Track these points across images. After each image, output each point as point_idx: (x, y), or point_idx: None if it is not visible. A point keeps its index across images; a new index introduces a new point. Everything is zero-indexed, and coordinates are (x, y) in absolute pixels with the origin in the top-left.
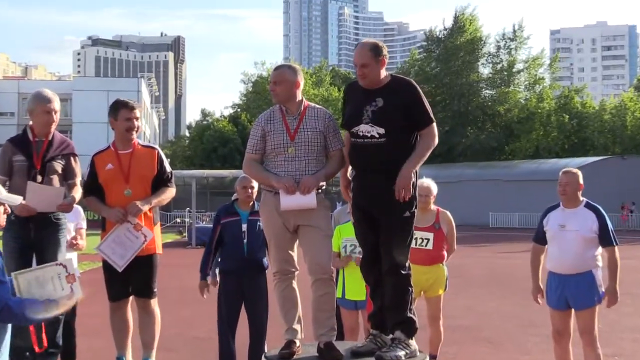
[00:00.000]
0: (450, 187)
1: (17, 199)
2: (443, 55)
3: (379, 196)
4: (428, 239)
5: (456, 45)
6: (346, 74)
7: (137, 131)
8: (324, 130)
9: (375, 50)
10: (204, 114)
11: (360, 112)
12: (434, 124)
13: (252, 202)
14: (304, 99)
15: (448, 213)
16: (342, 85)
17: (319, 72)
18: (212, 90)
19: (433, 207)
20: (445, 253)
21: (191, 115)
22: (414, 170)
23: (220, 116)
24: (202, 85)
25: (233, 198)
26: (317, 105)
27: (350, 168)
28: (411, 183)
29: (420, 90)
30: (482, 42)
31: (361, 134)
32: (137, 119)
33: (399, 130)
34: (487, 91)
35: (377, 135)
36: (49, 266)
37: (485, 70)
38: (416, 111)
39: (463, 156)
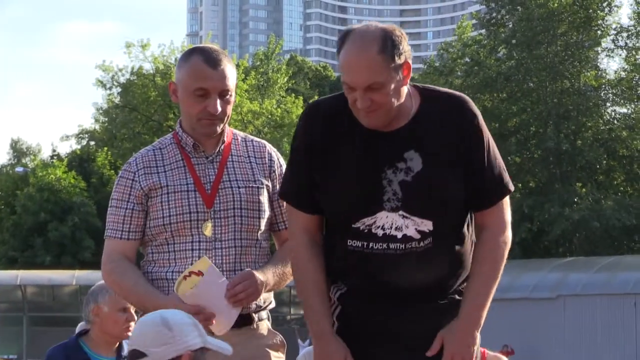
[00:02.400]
0: (537, 307)
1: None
2: (523, 31)
3: (417, 346)
4: None
5: (549, 12)
6: (319, 70)
7: None
8: (270, 185)
9: (391, 47)
10: (18, 151)
11: (377, 185)
12: (507, 198)
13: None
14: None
15: (503, 358)
16: (313, 94)
17: (263, 64)
18: (35, 102)
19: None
20: None
21: None
22: (480, 321)
23: (53, 156)
24: (14, 90)
25: (79, 329)
26: (250, 136)
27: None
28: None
29: (484, 125)
30: (605, 6)
31: (380, 233)
32: None
33: (457, 220)
34: (616, 109)
35: (417, 236)
36: None
37: (612, 65)
38: (479, 173)
39: (565, 244)
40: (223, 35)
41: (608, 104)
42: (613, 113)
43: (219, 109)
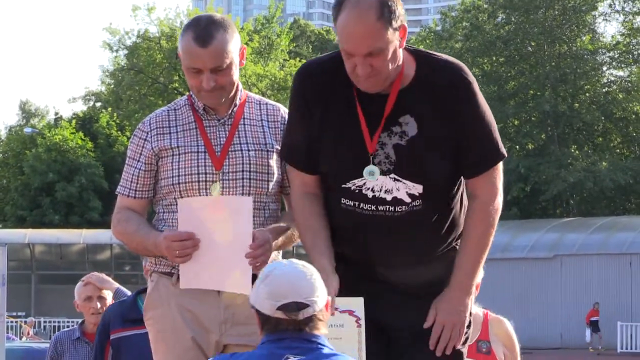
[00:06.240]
0: (534, 267)
1: None
2: None
3: (407, 312)
4: None
5: None
6: (322, 34)
7: None
8: (280, 148)
9: (388, 13)
10: (26, 112)
11: (360, 149)
12: (500, 164)
13: None
14: (239, 85)
15: (505, 322)
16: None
17: (265, 28)
18: (42, 65)
19: (476, 309)
20: None
21: None
22: (470, 287)
23: (56, 117)
24: (20, 52)
25: (138, 290)
26: (264, 99)
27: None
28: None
29: (479, 91)
30: None
31: (370, 195)
32: None
33: (447, 184)
34: (613, 72)
35: (408, 200)
36: None
37: (609, 29)
38: (472, 140)
39: (562, 205)
40: (228, 1)
41: (605, 67)
42: (610, 76)
43: (212, 84)
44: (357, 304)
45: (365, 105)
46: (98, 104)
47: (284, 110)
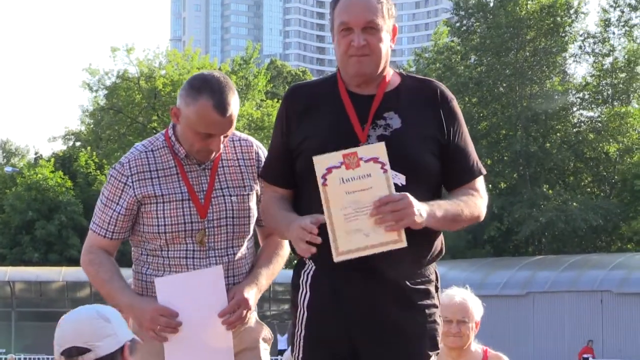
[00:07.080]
0: (507, 304)
1: None
2: (492, 39)
3: (380, 322)
4: None
5: (517, 19)
6: (298, 74)
7: None
8: (258, 188)
9: (386, 2)
10: (7, 151)
11: (353, 139)
12: (482, 178)
13: None
14: None
15: (504, 358)
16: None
17: (243, 69)
18: (22, 106)
19: (476, 346)
20: None
21: None
22: (434, 215)
23: (36, 156)
24: (0, 92)
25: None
26: (236, 133)
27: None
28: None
29: (459, 109)
30: (572, 14)
31: None
32: None
33: (429, 183)
34: (584, 112)
35: None
36: None
37: (579, 70)
38: (456, 150)
39: (534, 243)
40: (205, 40)
41: (575, 108)
42: (580, 116)
43: (222, 147)
44: (379, 150)
45: (353, 104)
46: (78, 144)
47: (257, 146)
